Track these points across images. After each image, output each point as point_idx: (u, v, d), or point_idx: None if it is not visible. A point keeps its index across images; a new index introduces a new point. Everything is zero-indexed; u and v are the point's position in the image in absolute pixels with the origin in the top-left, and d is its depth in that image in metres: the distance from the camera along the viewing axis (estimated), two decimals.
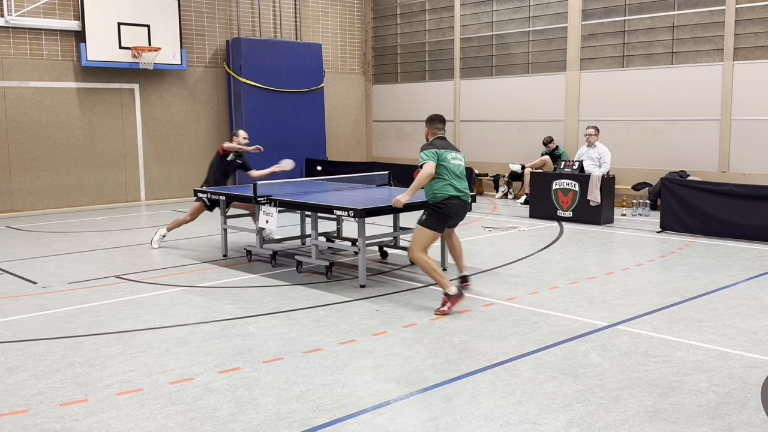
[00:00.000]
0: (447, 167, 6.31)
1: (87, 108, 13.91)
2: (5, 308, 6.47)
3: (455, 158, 6.42)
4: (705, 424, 3.87)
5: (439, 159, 6.29)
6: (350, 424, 3.91)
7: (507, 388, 4.39)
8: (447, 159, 6.33)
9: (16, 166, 13.16)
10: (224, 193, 8.61)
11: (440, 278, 6.17)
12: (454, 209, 6.36)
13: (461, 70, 16.19)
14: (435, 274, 6.19)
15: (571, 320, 5.86)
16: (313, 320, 5.93)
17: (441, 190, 6.30)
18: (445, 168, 6.30)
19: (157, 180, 14.97)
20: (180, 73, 15.02)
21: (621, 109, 13.52)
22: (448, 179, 6.30)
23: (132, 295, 6.91)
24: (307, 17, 17.10)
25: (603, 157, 11.49)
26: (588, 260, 8.34)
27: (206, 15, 15.46)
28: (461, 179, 6.43)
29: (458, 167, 6.42)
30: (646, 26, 13.16)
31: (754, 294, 6.69)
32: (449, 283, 6.13)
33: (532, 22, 14.86)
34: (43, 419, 4.02)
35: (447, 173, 6.31)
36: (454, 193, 6.31)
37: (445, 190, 6.30)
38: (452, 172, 6.33)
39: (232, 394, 4.36)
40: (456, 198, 6.32)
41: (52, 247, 9.56)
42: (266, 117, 15.73)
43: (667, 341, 5.28)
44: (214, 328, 5.73)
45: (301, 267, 7.82)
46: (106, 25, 13.58)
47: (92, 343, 5.39)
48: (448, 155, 6.36)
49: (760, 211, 9.28)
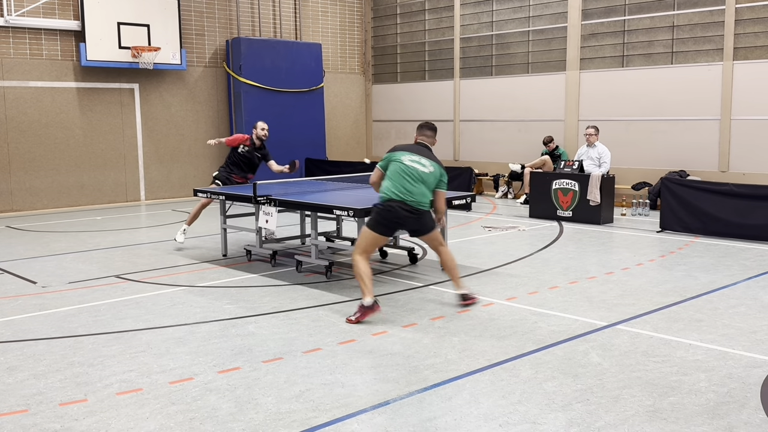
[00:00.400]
0: (398, 168, 6.05)
1: (87, 108, 13.91)
2: (5, 308, 6.47)
3: (415, 161, 6.08)
4: (704, 424, 3.87)
5: (391, 159, 6.12)
6: (350, 424, 3.91)
7: (506, 388, 4.39)
8: (400, 159, 6.07)
9: (16, 166, 13.16)
10: (224, 193, 8.61)
11: (363, 285, 5.88)
12: (394, 213, 5.99)
13: (461, 69, 16.19)
14: (360, 279, 5.92)
15: (571, 320, 5.86)
16: (313, 320, 5.93)
17: (383, 190, 6.10)
18: (395, 168, 6.06)
19: (157, 180, 14.97)
20: (180, 72, 15.02)
21: (621, 109, 13.52)
22: (393, 180, 6.04)
23: (132, 294, 6.91)
24: (307, 17, 17.10)
25: (603, 156, 11.49)
26: (588, 260, 8.34)
27: (206, 15, 15.46)
28: (414, 183, 6.02)
29: (414, 170, 6.04)
30: (646, 26, 13.16)
31: (753, 294, 6.69)
32: (369, 293, 5.83)
33: (531, 21, 14.86)
34: (42, 419, 4.02)
35: (396, 174, 6.04)
36: (392, 195, 6.00)
37: (385, 192, 6.07)
38: (402, 174, 6.02)
39: (232, 393, 4.36)
40: (396, 201, 5.98)
41: (52, 247, 9.56)
42: (266, 117, 15.62)
43: (667, 341, 5.28)
44: (214, 328, 5.73)
45: (300, 267, 7.82)
46: (106, 25, 13.58)
47: (92, 343, 5.39)
48: (404, 156, 6.10)
49: (760, 210, 9.28)
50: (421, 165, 6.10)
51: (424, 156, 6.18)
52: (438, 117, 16.49)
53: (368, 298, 5.82)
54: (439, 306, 6.32)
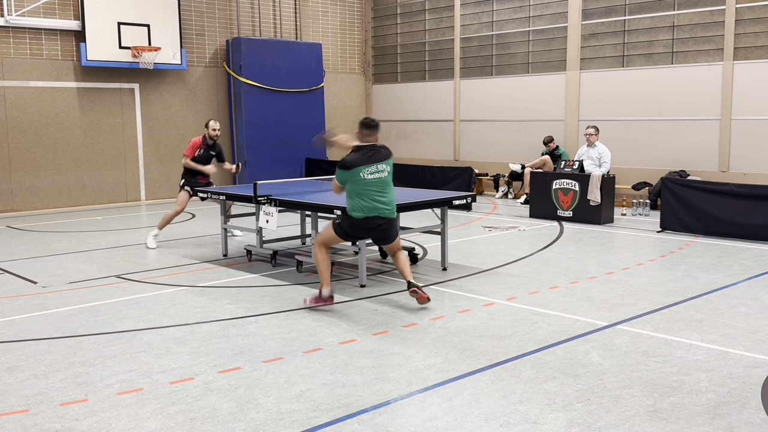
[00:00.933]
0: (360, 186, 6.07)
1: (87, 108, 13.91)
2: (5, 308, 6.47)
3: (374, 171, 6.09)
4: (705, 424, 3.87)
5: (351, 178, 6.06)
6: (350, 424, 3.91)
7: (507, 388, 4.39)
8: (360, 176, 6.05)
9: (16, 166, 13.16)
10: (224, 193, 8.62)
11: (323, 275, 6.23)
12: (362, 228, 6.20)
13: (461, 69, 16.19)
14: (321, 268, 6.25)
15: (572, 320, 5.86)
16: (313, 320, 5.93)
17: (351, 209, 6.18)
18: (359, 186, 6.07)
19: (157, 180, 14.97)
20: (180, 72, 15.02)
21: (621, 108, 13.52)
22: (362, 197, 6.09)
23: (132, 294, 6.91)
24: (307, 17, 17.10)
25: (603, 156, 11.49)
26: (588, 260, 8.34)
27: (206, 15, 15.46)
28: (384, 193, 6.15)
29: (378, 181, 6.11)
30: (646, 26, 13.16)
31: (754, 294, 6.69)
32: (328, 284, 6.20)
33: (532, 21, 14.85)
34: (43, 419, 4.02)
35: (362, 191, 6.08)
36: (361, 215, 6.12)
37: (353, 212, 6.16)
38: (369, 189, 6.07)
39: (233, 393, 4.36)
40: (372, 217, 6.13)
41: (52, 247, 9.56)
42: (266, 117, 15.74)
43: (668, 341, 5.28)
44: (215, 328, 5.73)
45: (301, 267, 7.82)
46: (106, 25, 13.58)
47: (92, 343, 5.39)
48: (364, 171, 6.05)
49: (760, 210, 9.28)
50: (379, 172, 6.16)
51: (377, 161, 6.14)
52: (438, 117, 16.50)
53: (326, 289, 6.19)
54: (440, 306, 6.32)
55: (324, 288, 6.20)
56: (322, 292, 6.20)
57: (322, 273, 6.25)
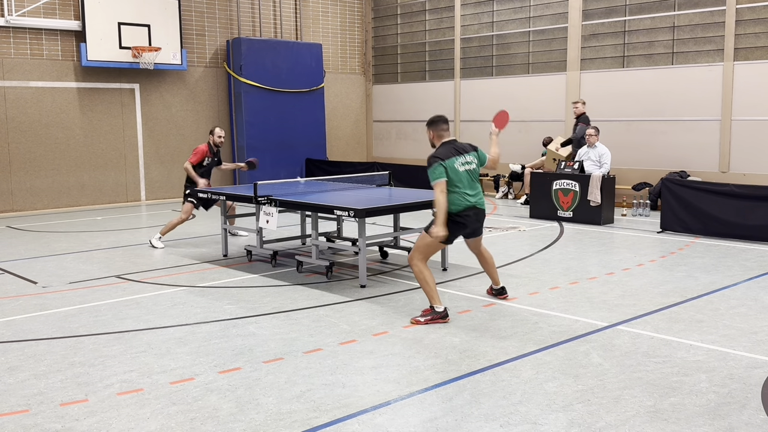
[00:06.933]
0: (457, 177, 5.90)
1: (87, 108, 13.91)
2: (5, 308, 6.47)
3: (464, 163, 5.98)
4: (705, 425, 3.87)
5: (448, 167, 5.88)
6: (351, 424, 3.91)
7: (507, 389, 4.39)
8: (454, 169, 5.90)
9: (17, 166, 13.16)
10: (224, 193, 8.62)
11: (431, 291, 5.86)
12: (470, 219, 6.01)
13: (461, 70, 16.19)
14: (426, 286, 5.87)
15: (572, 320, 5.86)
16: (314, 320, 5.93)
17: (454, 202, 5.91)
18: (455, 179, 5.90)
19: (158, 180, 14.97)
20: (180, 73, 15.02)
21: (621, 109, 13.52)
22: (459, 190, 5.92)
23: (132, 295, 6.91)
24: (307, 17, 17.10)
25: (603, 157, 11.49)
26: (588, 260, 8.33)
27: (206, 15, 15.46)
28: (473, 184, 6.04)
29: (469, 173, 6.01)
30: (647, 26, 13.16)
31: (754, 294, 6.69)
32: (439, 300, 5.89)
33: (532, 22, 14.86)
34: (43, 419, 4.02)
35: (458, 183, 5.91)
36: (469, 203, 5.97)
37: (458, 203, 5.92)
38: (463, 181, 5.94)
39: (233, 394, 4.36)
40: (472, 208, 5.99)
41: (53, 247, 9.56)
42: (266, 117, 15.74)
43: (668, 341, 5.28)
44: (215, 328, 5.73)
45: (301, 267, 7.82)
46: (107, 25, 13.58)
47: (92, 343, 5.39)
48: (455, 163, 5.92)
49: (760, 211, 9.27)
50: (469, 164, 6.06)
51: (464, 152, 6.06)
52: None
53: (440, 305, 5.86)
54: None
55: (437, 305, 5.84)
56: (435, 309, 5.84)
57: (428, 289, 5.86)
